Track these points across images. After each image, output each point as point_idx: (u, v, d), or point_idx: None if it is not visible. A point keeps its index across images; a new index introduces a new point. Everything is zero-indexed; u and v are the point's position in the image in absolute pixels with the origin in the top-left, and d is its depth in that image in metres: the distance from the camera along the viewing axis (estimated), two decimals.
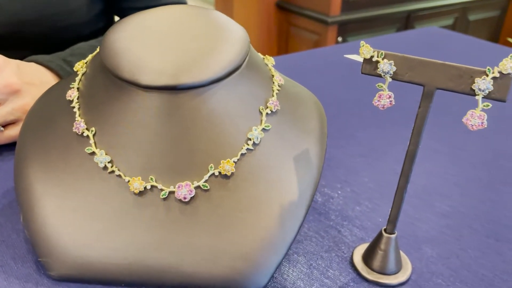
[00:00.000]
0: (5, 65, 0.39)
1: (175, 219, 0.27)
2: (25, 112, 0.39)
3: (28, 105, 0.39)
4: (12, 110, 0.38)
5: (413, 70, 0.25)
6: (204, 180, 0.27)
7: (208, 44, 0.28)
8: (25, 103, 0.39)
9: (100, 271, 0.27)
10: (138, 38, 0.29)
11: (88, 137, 0.28)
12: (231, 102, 0.28)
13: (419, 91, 0.26)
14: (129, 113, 0.27)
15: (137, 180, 0.27)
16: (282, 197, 0.28)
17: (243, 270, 0.27)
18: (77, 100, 0.29)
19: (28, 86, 0.39)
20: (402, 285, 0.29)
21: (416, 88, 0.28)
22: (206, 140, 0.27)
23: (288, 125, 0.30)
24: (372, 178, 0.39)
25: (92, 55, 0.32)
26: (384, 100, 0.26)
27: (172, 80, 0.26)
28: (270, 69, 0.32)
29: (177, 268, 0.27)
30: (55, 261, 0.27)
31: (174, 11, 0.31)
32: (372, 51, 0.25)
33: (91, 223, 0.27)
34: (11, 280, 0.28)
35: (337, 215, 0.35)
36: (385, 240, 0.29)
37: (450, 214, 0.36)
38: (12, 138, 0.39)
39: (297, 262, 0.30)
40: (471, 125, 0.24)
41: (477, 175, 0.41)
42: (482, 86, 0.23)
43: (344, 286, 0.29)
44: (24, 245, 0.30)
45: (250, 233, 0.27)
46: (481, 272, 0.30)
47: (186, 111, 0.27)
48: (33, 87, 0.40)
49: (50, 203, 0.28)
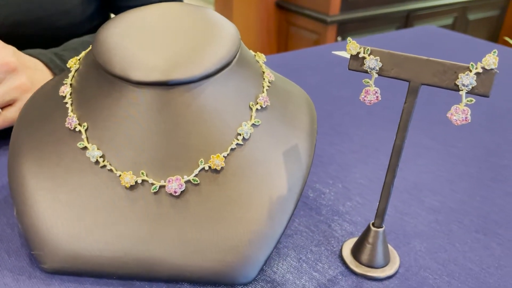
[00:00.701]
0: (2, 47, 0.39)
1: (166, 212, 0.27)
2: (22, 92, 0.39)
3: (25, 85, 0.39)
4: (9, 89, 0.38)
5: (399, 66, 0.25)
6: (194, 175, 0.28)
7: (199, 40, 0.29)
8: (21, 82, 0.39)
9: (92, 264, 0.27)
10: (130, 34, 0.29)
11: (80, 132, 0.28)
12: (222, 98, 0.28)
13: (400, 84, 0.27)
14: (120, 109, 0.28)
15: (128, 175, 0.27)
16: (271, 191, 0.28)
17: (232, 263, 0.27)
18: (70, 96, 0.30)
19: (24, 67, 0.40)
20: (390, 278, 0.29)
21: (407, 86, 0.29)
22: (196, 135, 0.28)
23: (278, 121, 0.30)
24: (363, 174, 0.40)
25: (86, 51, 0.32)
26: (370, 96, 0.26)
27: (163, 76, 0.27)
28: (261, 65, 0.33)
29: (167, 260, 0.27)
30: (47, 254, 0.27)
31: (166, 9, 0.31)
32: (359, 48, 0.26)
33: (83, 217, 0.27)
34: (4, 273, 0.28)
35: (328, 210, 0.35)
36: (373, 234, 0.29)
37: (440, 209, 0.36)
38: (9, 120, 0.39)
39: (287, 255, 0.31)
40: (455, 120, 0.24)
41: (467, 172, 0.41)
42: (466, 82, 0.24)
43: (333, 279, 0.29)
44: (18, 239, 0.31)
45: (239, 226, 0.27)
46: (469, 266, 0.30)
47: (177, 107, 0.27)
48: (28, 69, 0.40)
49: (43, 197, 0.28)
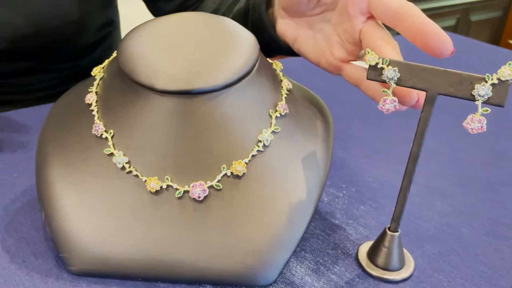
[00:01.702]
0: None
1: (189, 217, 0.28)
2: None
3: None
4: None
5: (416, 76, 0.26)
6: (217, 180, 0.28)
7: (220, 50, 0.30)
8: None
9: (118, 266, 0.28)
10: (153, 44, 0.30)
11: (106, 138, 0.29)
12: (242, 106, 0.29)
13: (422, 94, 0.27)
14: (145, 116, 0.29)
15: (154, 180, 0.28)
16: (290, 196, 0.29)
17: (253, 266, 0.28)
18: (96, 104, 0.31)
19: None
20: (405, 281, 0.30)
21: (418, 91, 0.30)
22: (218, 142, 0.29)
23: (296, 128, 0.31)
24: (376, 178, 0.41)
25: (108, 60, 0.33)
26: (388, 105, 0.27)
27: (186, 85, 0.28)
28: (279, 74, 0.34)
29: (190, 263, 0.28)
30: (75, 256, 0.28)
31: (186, 18, 0.32)
32: (377, 58, 0.26)
33: (109, 221, 0.28)
34: (32, 275, 0.29)
35: (342, 214, 0.36)
36: (389, 238, 0.30)
37: (451, 213, 0.37)
38: None
39: (305, 258, 0.32)
40: (471, 129, 0.25)
41: (477, 176, 0.42)
42: (482, 92, 0.25)
43: (350, 281, 0.30)
44: (43, 242, 0.32)
45: (260, 230, 0.28)
46: (481, 269, 0.31)
47: (199, 115, 0.28)
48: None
49: (71, 202, 0.29)
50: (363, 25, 0.31)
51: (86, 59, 0.58)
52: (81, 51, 0.57)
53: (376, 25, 0.31)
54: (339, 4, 0.33)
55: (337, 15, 0.33)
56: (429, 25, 0.27)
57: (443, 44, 0.27)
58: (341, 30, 0.33)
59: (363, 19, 0.31)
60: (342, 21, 0.33)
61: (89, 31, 0.55)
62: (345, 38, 0.33)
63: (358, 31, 0.31)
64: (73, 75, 0.58)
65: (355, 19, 0.31)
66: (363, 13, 0.31)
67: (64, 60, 0.56)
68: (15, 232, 0.32)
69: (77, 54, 0.57)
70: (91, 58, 0.59)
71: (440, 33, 0.27)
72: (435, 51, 0.27)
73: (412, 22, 0.28)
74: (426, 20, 0.27)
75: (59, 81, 0.57)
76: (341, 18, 0.33)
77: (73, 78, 0.58)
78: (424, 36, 0.27)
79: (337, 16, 0.33)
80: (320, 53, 0.35)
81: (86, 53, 0.58)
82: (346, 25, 0.32)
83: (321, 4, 0.34)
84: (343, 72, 0.34)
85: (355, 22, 0.31)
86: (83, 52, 0.57)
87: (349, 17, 0.32)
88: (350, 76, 0.33)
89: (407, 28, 0.28)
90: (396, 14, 0.28)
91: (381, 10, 0.29)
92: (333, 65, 0.34)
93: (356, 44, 0.32)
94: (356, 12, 0.31)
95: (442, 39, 0.27)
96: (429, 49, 0.27)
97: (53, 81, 0.57)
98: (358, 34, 0.31)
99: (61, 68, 0.57)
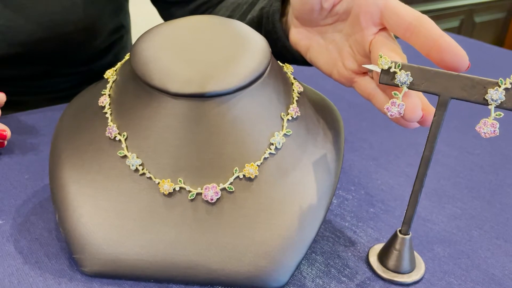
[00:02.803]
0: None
1: (202, 219, 0.29)
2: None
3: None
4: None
5: (429, 81, 0.26)
6: (230, 183, 0.29)
7: (232, 53, 0.30)
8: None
9: (131, 268, 0.29)
10: (165, 47, 0.30)
11: (120, 141, 0.29)
12: (255, 108, 0.30)
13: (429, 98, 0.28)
14: (158, 119, 0.29)
15: (167, 182, 0.28)
16: (302, 199, 0.29)
17: (265, 267, 0.28)
18: (109, 106, 0.31)
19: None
20: (416, 284, 0.30)
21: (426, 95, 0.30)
22: (231, 145, 0.29)
23: (308, 131, 0.32)
24: (385, 181, 0.41)
25: (121, 63, 0.33)
26: (395, 108, 0.27)
27: (200, 88, 0.28)
28: (290, 77, 0.34)
29: (203, 265, 0.28)
30: (88, 257, 0.29)
31: (198, 22, 0.33)
32: (390, 62, 0.27)
33: (122, 222, 0.29)
34: (46, 275, 0.29)
35: (352, 216, 0.36)
36: (400, 241, 0.30)
37: (460, 216, 0.37)
38: None
39: (315, 261, 0.32)
40: (484, 133, 0.25)
41: (486, 178, 0.42)
42: (495, 97, 0.25)
43: (361, 284, 0.30)
44: (56, 243, 0.32)
45: (272, 232, 0.29)
46: (491, 272, 0.32)
47: (212, 118, 0.29)
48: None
49: (84, 203, 0.29)
50: (374, 36, 0.31)
51: (98, 63, 0.59)
52: (93, 56, 0.57)
53: (388, 36, 0.30)
54: (351, 14, 0.33)
55: (349, 25, 0.33)
56: (444, 39, 0.26)
57: (459, 59, 0.26)
58: (352, 41, 0.33)
59: (375, 30, 0.31)
60: (353, 31, 0.32)
61: (101, 36, 0.56)
62: (356, 49, 0.33)
63: (368, 42, 0.31)
64: (85, 79, 0.59)
65: (366, 30, 0.31)
66: (375, 24, 0.30)
67: (76, 64, 0.56)
68: (28, 233, 0.33)
69: (89, 59, 0.57)
70: (103, 62, 0.59)
71: (456, 48, 0.26)
72: (450, 65, 0.26)
73: (427, 35, 0.27)
74: (441, 33, 0.27)
75: (71, 84, 0.58)
76: (353, 28, 0.32)
77: (85, 81, 0.59)
78: (439, 51, 0.26)
79: (349, 26, 0.33)
80: (332, 64, 0.35)
81: (97, 58, 0.58)
82: (357, 36, 0.32)
83: (333, 14, 0.34)
84: (355, 84, 0.34)
85: (366, 33, 0.31)
86: (94, 57, 0.58)
87: (361, 27, 0.31)
88: (362, 89, 0.33)
89: (422, 41, 0.27)
90: (410, 26, 0.28)
91: (394, 22, 0.29)
92: (345, 76, 0.34)
93: (367, 56, 0.32)
94: (368, 22, 0.31)
95: (458, 53, 0.26)
96: (445, 64, 0.26)
97: (65, 84, 0.58)
98: (368, 45, 0.31)
99: (73, 72, 0.57)
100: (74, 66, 0.57)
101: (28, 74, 0.54)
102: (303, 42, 0.37)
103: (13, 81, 0.53)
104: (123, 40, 0.62)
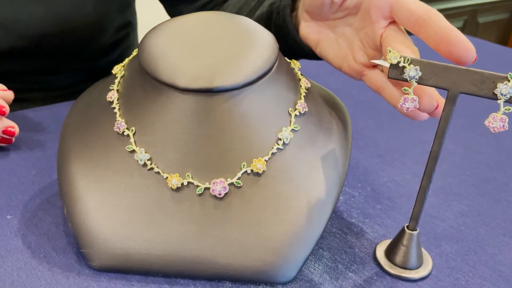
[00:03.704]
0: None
1: (210, 213, 0.29)
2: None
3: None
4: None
5: (438, 75, 0.26)
6: (237, 178, 0.29)
7: (240, 49, 0.30)
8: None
9: (139, 262, 0.29)
10: (173, 43, 0.30)
11: (128, 136, 0.30)
12: (262, 104, 0.30)
13: None
14: (167, 114, 0.29)
15: (175, 177, 0.28)
16: (310, 194, 0.30)
17: (273, 263, 0.28)
18: (117, 101, 0.31)
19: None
20: (424, 280, 0.30)
21: None
22: (238, 140, 0.29)
23: (315, 126, 0.32)
24: (391, 178, 0.41)
25: (129, 58, 0.33)
26: (409, 103, 0.27)
27: (208, 83, 0.28)
28: (297, 72, 0.34)
29: (211, 259, 0.28)
30: (96, 252, 0.29)
31: (205, 18, 0.33)
32: (399, 57, 0.27)
33: (131, 217, 0.29)
34: (54, 270, 0.30)
35: (358, 213, 0.36)
36: (408, 236, 0.30)
37: (467, 213, 0.37)
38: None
39: (322, 256, 0.32)
40: (493, 128, 0.25)
41: (493, 176, 0.42)
42: (504, 91, 0.25)
43: (368, 279, 0.30)
44: (64, 238, 0.32)
45: (279, 228, 0.29)
46: (499, 268, 0.31)
47: (220, 113, 0.29)
48: None
49: (93, 198, 0.29)
50: (384, 30, 0.31)
51: (104, 60, 0.59)
52: (100, 51, 0.57)
53: (398, 29, 0.31)
54: (361, 8, 0.33)
55: (359, 19, 0.33)
56: (453, 32, 0.27)
57: (466, 52, 0.26)
58: (362, 34, 0.33)
59: (385, 24, 0.31)
60: (364, 25, 0.33)
61: (107, 32, 0.56)
62: (366, 42, 0.33)
63: (379, 35, 0.31)
64: (91, 75, 0.59)
65: (376, 23, 0.31)
66: (385, 17, 0.31)
67: (82, 60, 0.57)
68: (35, 228, 0.33)
69: (96, 55, 0.57)
70: (109, 59, 0.59)
71: (464, 41, 0.26)
72: (458, 58, 0.27)
73: (436, 29, 0.27)
74: (450, 27, 0.27)
75: (77, 80, 0.58)
76: (363, 22, 0.33)
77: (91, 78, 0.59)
78: (448, 44, 0.27)
79: (359, 20, 0.33)
80: (342, 57, 0.35)
81: (104, 54, 0.58)
82: (367, 30, 0.32)
83: (343, 8, 0.34)
84: (365, 77, 0.34)
85: (376, 27, 0.31)
86: (101, 53, 0.58)
87: (371, 21, 0.31)
88: (371, 82, 0.33)
89: (431, 34, 0.27)
90: (420, 19, 0.28)
91: (404, 15, 0.29)
92: (355, 69, 0.34)
93: (377, 49, 0.32)
94: (378, 16, 0.31)
95: (466, 46, 0.26)
96: (453, 56, 0.27)
97: (71, 80, 0.58)
98: (379, 39, 0.31)
99: (79, 68, 0.57)
100: (79, 62, 0.57)
101: (34, 69, 0.54)
102: (313, 36, 0.37)
103: (19, 76, 0.53)
104: (129, 38, 0.63)
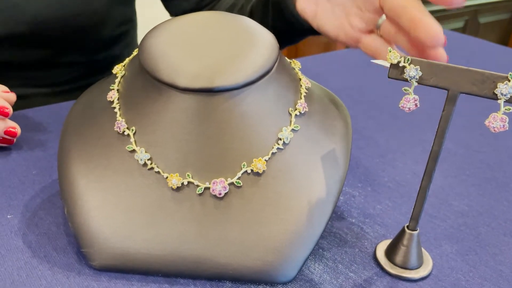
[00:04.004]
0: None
1: (210, 213, 0.29)
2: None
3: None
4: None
5: (438, 75, 0.26)
6: (238, 177, 0.29)
7: (240, 48, 0.30)
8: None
9: (139, 262, 0.29)
10: (174, 42, 0.30)
11: (128, 135, 0.30)
12: (262, 104, 0.30)
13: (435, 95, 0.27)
14: (167, 114, 0.29)
15: (175, 177, 0.28)
16: (310, 194, 0.29)
17: (273, 262, 0.28)
18: (118, 101, 0.31)
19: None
20: (424, 279, 0.30)
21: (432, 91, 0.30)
22: (239, 140, 0.29)
23: (316, 126, 0.32)
24: (391, 178, 0.41)
25: (129, 58, 0.33)
26: (410, 103, 0.27)
27: (208, 83, 0.28)
28: (297, 72, 0.34)
29: (211, 259, 0.28)
30: (97, 252, 0.29)
31: (206, 17, 0.33)
32: (399, 57, 0.27)
33: (131, 217, 0.29)
34: (55, 269, 0.30)
35: (358, 212, 0.36)
36: (408, 236, 0.30)
37: (468, 212, 0.37)
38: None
39: (323, 256, 0.32)
40: (493, 128, 0.25)
41: (493, 176, 0.42)
42: (504, 91, 0.25)
43: (368, 279, 0.30)
44: (64, 237, 0.32)
45: (280, 227, 0.29)
46: (499, 268, 0.31)
47: (220, 112, 0.29)
48: None
49: (93, 198, 0.29)
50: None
51: (103, 54, 0.58)
52: (99, 45, 0.57)
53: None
54: None
55: None
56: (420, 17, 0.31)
57: (432, 34, 0.31)
58: (360, 0, 0.35)
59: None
60: None
61: (108, 25, 0.55)
62: (365, 7, 0.35)
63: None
64: (89, 71, 0.58)
65: None
66: None
67: (81, 53, 0.56)
68: (36, 228, 0.33)
69: (95, 48, 0.57)
70: (108, 54, 0.59)
71: (430, 23, 0.31)
72: (424, 41, 0.31)
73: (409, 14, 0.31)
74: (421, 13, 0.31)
75: (75, 76, 0.58)
76: None
77: (89, 74, 0.58)
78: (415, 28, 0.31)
79: None
80: (339, 26, 0.37)
81: (103, 48, 0.58)
82: None
83: None
84: (361, 44, 0.36)
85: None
86: (100, 47, 0.57)
87: None
88: (368, 47, 0.36)
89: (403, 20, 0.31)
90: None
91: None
92: (352, 36, 0.36)
93: (376, 12, 0.35)
94: None
95: (432, 29, 0.31)
96: (420, 41, 0.31)
97: (69, 75, 0.57)
98: (378, 1, 0.34)
99: (77, 62, 0.57)
100: (78, 55, 0.56)
101: (30, 60, 0.53)
102: (309, 8, 0.40)
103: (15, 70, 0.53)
104: (129, 35, 0.62)
